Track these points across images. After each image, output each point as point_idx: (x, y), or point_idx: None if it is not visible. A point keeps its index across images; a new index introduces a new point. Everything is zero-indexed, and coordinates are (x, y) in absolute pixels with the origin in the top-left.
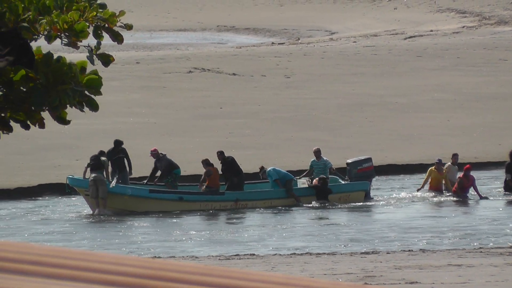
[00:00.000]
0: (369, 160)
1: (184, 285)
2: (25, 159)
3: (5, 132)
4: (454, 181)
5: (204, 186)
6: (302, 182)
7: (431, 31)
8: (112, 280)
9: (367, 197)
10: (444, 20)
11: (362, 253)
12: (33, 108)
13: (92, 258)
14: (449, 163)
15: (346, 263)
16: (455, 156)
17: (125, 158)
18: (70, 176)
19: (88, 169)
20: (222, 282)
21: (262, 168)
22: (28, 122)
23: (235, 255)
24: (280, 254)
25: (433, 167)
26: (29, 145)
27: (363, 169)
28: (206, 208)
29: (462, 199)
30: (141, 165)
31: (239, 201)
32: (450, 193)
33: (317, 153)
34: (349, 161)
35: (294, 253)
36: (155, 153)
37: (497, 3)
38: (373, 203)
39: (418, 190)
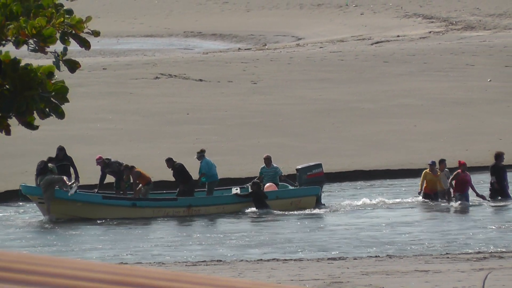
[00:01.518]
0: (319, 166)
1: None
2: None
3: None
4: (445, 187)
5: (141, 190)
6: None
7: (398, 36)
8: (81, 286)
9: (318, 202)
10: (411, 26)
11: (329, 259)
12: (2, 113)
13: (61, 264)
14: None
15: (313, 269)
16: (442, 162)
17: (70, 166)
18: (23, 184)
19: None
20: (189, 287)
21: (202, 151)
22: None
23: (202, 261)
24: (247, 260)
25: (427, 169)
26: None
27: (313, 175)
28: (159, 214)
29: (462, 202)
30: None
31: (192, 207)
32: (446, 198)
33: (267, 160)
34: (299, 167)
35: (261, 259)
36: (101, 161)
37: (464, 9)
38: (340, 208)
39: (419, 193)
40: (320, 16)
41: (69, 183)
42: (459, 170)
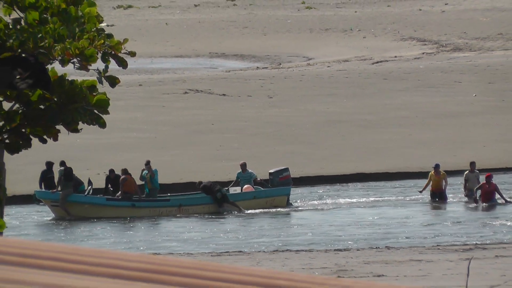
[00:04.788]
0: (287, 169)
1: (182, 278)
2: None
3: (25, 146)
4: (473, 188)
5: (120, 192)
6: (234, 189)
7: (396, 57)
8: (119, 273)
9: (288, 201)
10: (407, 47)
11: (335, 250)
12: (52, 123)
13: (101, 255)
14: (467, 171)
15: (322, 259)
16: (472, 164)
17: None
18: (37, 190)
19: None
20: (215, 275)
21: (148, 162)
22: (45, 136)
23: (225, 252)
24: (264, 251)
25: (432, 171)
26: (45, 157)
27: (284, 178)
28: (154, 213)
29: (487, 204)
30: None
31: (182, 206)
32: (474, 200)
33: (243, 166)
34: (271, 171)
35: (277, 250)
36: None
37: (453, 33)
38: (347, 205)
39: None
40: (328, 39)
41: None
42: (483, 182)
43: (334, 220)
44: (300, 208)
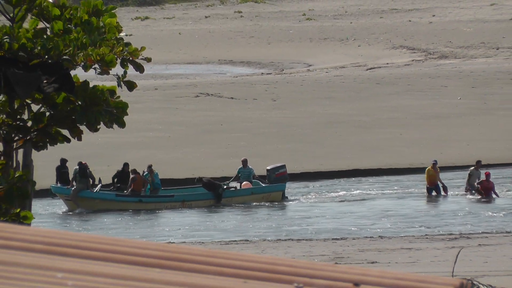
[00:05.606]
0: (284, 166)
1: (194, 264)
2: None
3: (51, 144)
4: (474, 183)
5: (129, 190)
6: (233, 184)
7: (387, 63)
8: (137, 260)
9: (283, 196)
10: (398, 55)
11: (333, 239)
12: (77, 124)
13: (120, 243)
14: (472, 168)
15: (321, 247)
16: (478, 162)
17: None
18: (53, 185)
19: (73, 177)
20: (223, 262)
21: (150, 166)
22: (69, 136)
23: (233, 241)
24: (268, 240)
25: (430, 166)
26: (70, 154)
27: (280, 174)
28: (160, 207)
29: (486, 199)
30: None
31: (185, 201)
32: (468, 193)
33: (244, 162)
34: (269, 167)
35: (279, 239)
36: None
37: (439, 42)
38: (344, 198)
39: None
40: (326, 48)
41: (97, 186)
42: (483, 179)
43: (331, 211)
44: (298, 201)
